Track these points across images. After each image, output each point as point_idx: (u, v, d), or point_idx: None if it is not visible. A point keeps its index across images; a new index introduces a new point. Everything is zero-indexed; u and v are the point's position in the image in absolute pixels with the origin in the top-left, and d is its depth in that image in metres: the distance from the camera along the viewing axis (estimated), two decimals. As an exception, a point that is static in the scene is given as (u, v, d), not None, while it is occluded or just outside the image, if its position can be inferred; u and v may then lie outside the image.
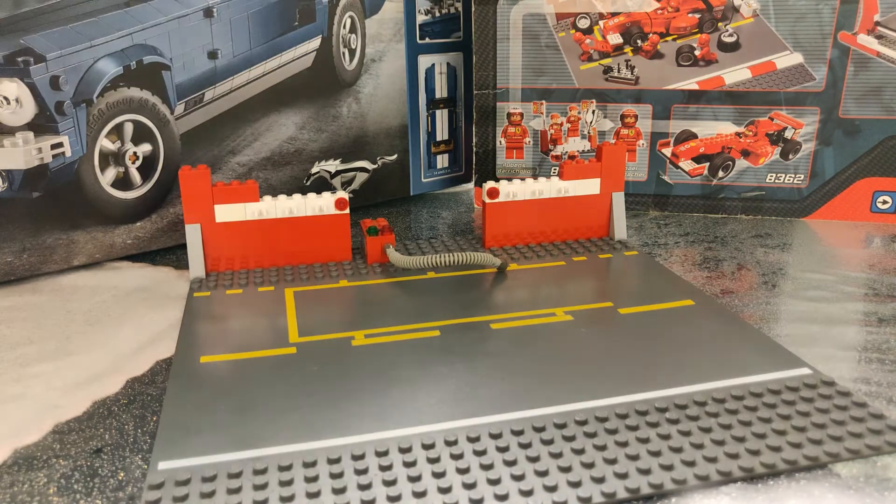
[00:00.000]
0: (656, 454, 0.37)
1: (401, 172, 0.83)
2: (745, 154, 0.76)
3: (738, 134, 0.75)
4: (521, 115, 0.79)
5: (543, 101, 0.78)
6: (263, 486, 0.35)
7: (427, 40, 0.81)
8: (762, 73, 0.73)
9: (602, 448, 0.37)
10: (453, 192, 0.90)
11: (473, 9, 0.76)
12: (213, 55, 0.68)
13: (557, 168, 0.79)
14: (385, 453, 0.37)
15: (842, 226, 0.74)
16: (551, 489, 0.34)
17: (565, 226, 0.67)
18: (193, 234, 0.60)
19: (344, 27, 0.76)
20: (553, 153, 0.79)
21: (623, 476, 0.35)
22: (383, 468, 0.36)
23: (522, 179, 0.65)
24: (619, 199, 0.67)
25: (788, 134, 0.74)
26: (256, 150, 0.73)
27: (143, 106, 0.65)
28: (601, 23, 0.75)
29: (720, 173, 0.77)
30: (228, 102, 0.71)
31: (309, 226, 0.62)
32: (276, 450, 0.37)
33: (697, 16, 0.73)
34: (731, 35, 0.73)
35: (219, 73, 0.69)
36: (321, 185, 0.77)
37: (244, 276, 0.60)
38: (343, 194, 0.54)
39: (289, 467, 0.36)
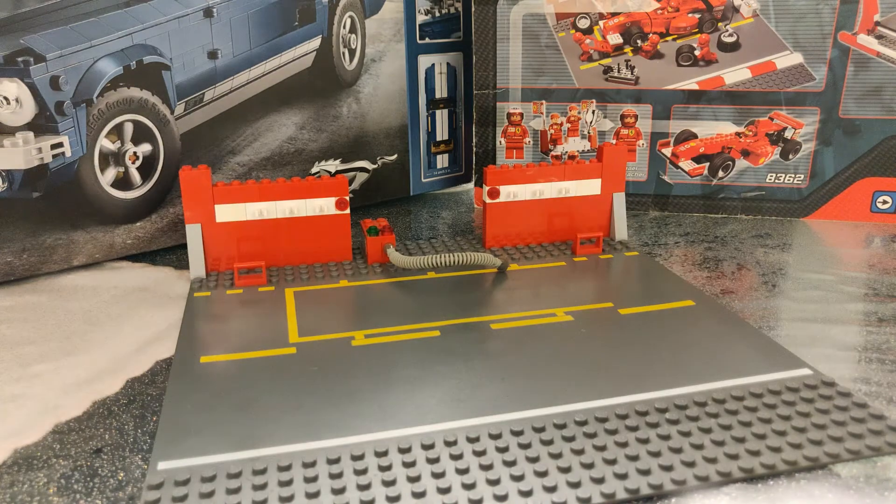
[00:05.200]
0: (656, 455, 0.37)
1: (401, 172, 0.83)
2: (745, 154, 0.76)
3: (738, 134, 0.75)
4: (521, 115, 0.79)
5: (543, 101, 0.78)
6: (263, 487, 0.35)
7: (427, 40, 0.81)
8: (762, 73, 0.73)
9: (602, 448, 0.37)
10: (453, 192, 0.90)
11: (473, 9, 0.76)
12: (213, 55, 0.68)
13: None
14: (385, 453, 0.37)
15: (842, 226, 0.74)
16: (551, 489, 0.34)
17: (565, 226, 0.67)
18: (194, 234, 0.60)
19: (344, 27, 0.76)
20: (553, 153, 0.79)
21: (623, 476, 0.35)
22: (383, 468, 0.36)
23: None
24: (619, 200, 0.67)
25: (788, 134, 0.74)
26: (256, 150, 0.73)
27: (143, 106, 0.65)
28: (601, 23, 0.75)
29: (720, 173, 0.77)
30: (228, 102, 0.71)
31: (309, 226, 0.62)
32: (276, 450, 0.37)
33: (697, 16, 0.73)
34: (731, 35, 0.73)
35: (219, 73, 0.69)
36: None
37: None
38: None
39: (288, 467, 0.36)
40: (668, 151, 0.77)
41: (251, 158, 0.73)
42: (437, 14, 0.81)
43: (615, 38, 0.75)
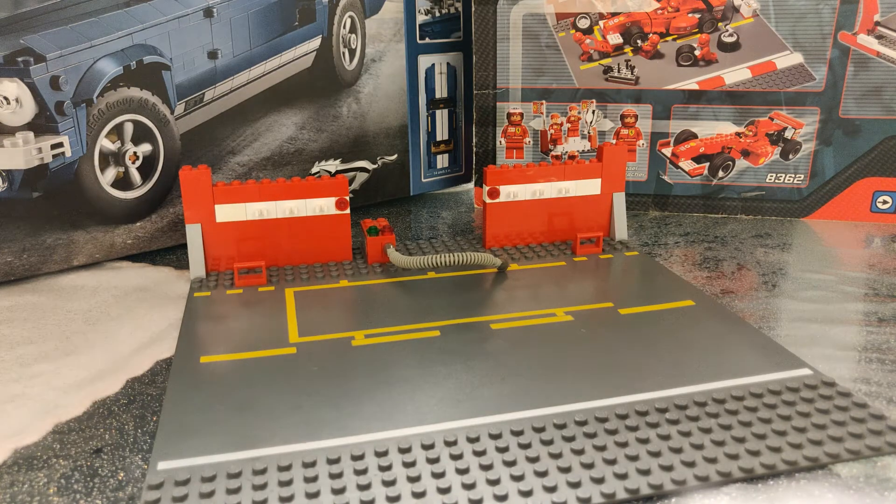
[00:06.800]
0: (656, 455, 0.37)
1: (401, 172, 0.83)
2: (745, 154, 0.76)
3: (738, 134, 0.75)
4: (521, 115, 0.79)
5: (543, 101, 0.78)
6: (263, 487, 0.35)
7: (427, 40, 0.81)
8: (762, 73, 0.73)
9: (602, 448, 0.37)
10: (453, 192, 0.90)
11: (473, 9, 0.76)
12: (213, 55, 0.68)
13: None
14: (385, 453, 0.37)
15: (842, 226, 0.74)
16: (551, 489, 0.34)
17: (565, 226, 0.67)
18: (194, 234, 0.60)
19: (344, 27, 0.76)
20: (553, 153, 0.79)
21: (623, 476, 0.35)
22: (383, 468, 0.36)
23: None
24: (619, 200, 0.67)
25: (788, 134, 0.74)
26: (256, 150, 0.73)
27: (143, 106, 0.65)
28: (601, 23, 0.75)
29: (720, 173, 0.77)
30: (228, 102, 0.71)
31: (309, 226, 0.62)
32: (276, 450, 0.37)
33: (697, 16, 0.73)
34: (731, 35, 0.73)
35: (219, 73, 0.69)
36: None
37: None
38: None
39: (288, 467, 0.36)
40: (668, 151, 0.77)
41: (251, 158, 0.73)
42: (437, 14, 0.81)
43: (615, 38, 0.75)
